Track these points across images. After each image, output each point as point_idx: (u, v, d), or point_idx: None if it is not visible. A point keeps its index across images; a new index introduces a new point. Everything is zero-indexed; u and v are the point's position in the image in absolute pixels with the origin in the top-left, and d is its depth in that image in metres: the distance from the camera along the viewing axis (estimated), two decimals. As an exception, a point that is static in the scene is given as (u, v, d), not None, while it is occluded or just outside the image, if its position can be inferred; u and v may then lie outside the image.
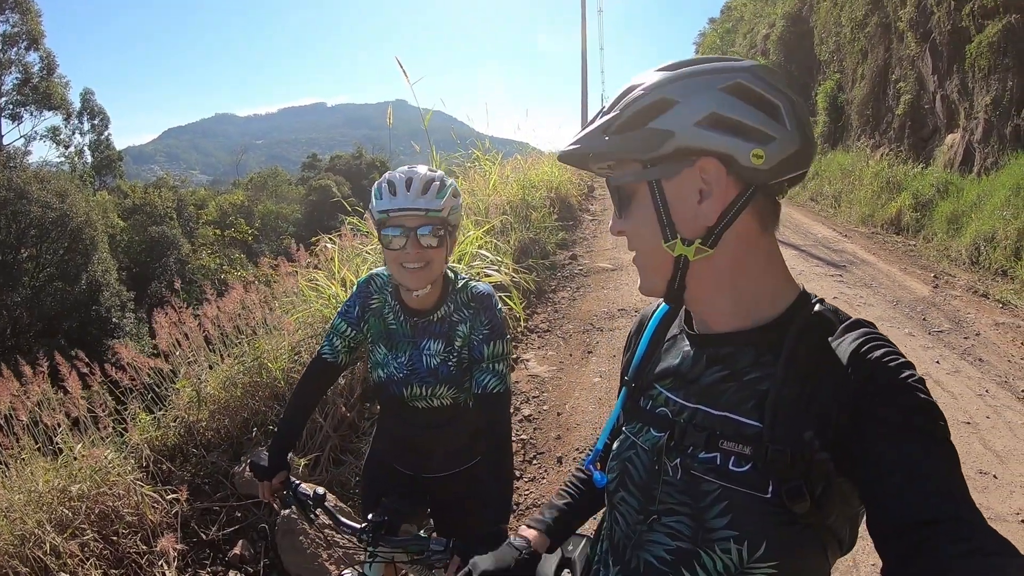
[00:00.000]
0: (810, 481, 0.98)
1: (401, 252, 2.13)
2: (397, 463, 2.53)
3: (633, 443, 1.23)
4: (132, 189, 38.33)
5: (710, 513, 1.06)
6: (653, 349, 1.31)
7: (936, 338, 7.25)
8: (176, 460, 4.08)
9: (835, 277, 10.03)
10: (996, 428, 5.18)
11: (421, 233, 2.11)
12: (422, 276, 2.16)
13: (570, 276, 10.57)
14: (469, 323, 2.26)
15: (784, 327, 1.09)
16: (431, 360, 2.30)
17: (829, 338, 1.06)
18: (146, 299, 28.87)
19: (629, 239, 1.18)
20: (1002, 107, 12.05)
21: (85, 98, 38.32)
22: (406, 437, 2.46)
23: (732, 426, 1.07)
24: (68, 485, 3.40)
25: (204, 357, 4.67)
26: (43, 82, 33.77)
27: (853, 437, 0.96)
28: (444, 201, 2.13)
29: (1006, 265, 9.49)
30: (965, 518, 0.85)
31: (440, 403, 2.33)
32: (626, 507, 1.21)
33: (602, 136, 1.11)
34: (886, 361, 0.99)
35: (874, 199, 15.01)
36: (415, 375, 2.31)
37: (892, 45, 17.50)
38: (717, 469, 1.06)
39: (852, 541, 1.09)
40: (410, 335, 2.33)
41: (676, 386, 1.20)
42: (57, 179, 27.60)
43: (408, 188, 2.11)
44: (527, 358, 7.02)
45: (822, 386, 1.01)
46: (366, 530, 2.11)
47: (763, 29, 30.75)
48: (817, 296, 1.16)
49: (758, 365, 1.09)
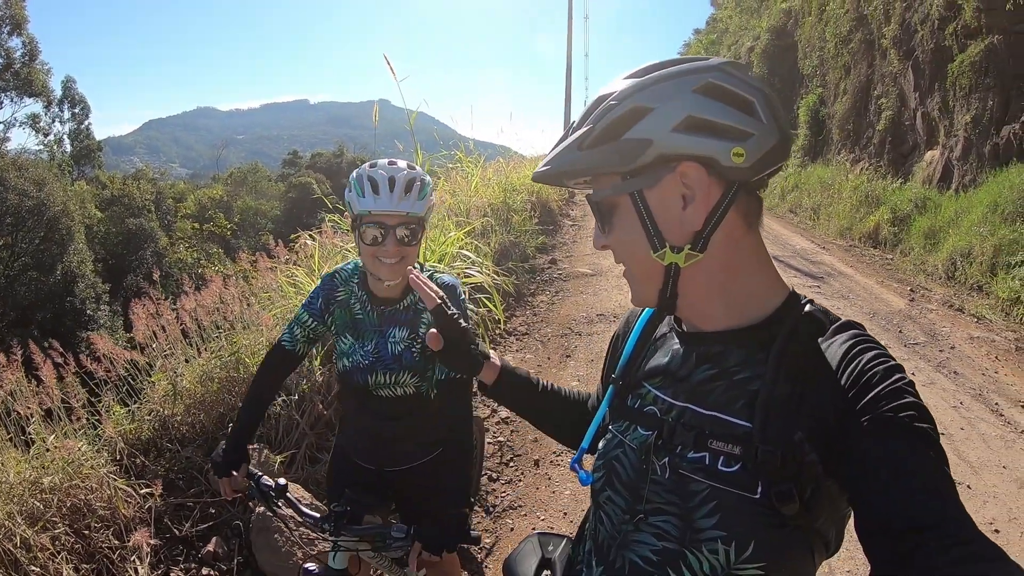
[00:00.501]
0: (799, 483, 0.98)
1: (378, 247, 2.19)
2: (359, 458, 2.56)
3: (620, 442, 1.22)
4: (111, 180, 37.88)
5: (698, 513, 1.05)
6: (641, 347, 1.31)
7: (912, 350, 7.32)
8: (150, 454, 4.03)
9: (813, 288, 10.10)
10: (970, 440, 5.24)
11: (399, 232, 2.18)
12: (397, 269, 2.23)
13: (549, 280, 10.59)
14: None
15: (774, 327, 1.09)
16: (396, 347, 2.35)
17: (819, 339, 1.06)
18: (121, 292, 28.60)
19: (615, 252, 1.17)
20: (982, 126, 12.20)
21: (66, 86, 37.89)
22: (369, 428, 2.50)
23: (721, 425, 1.07)
24: (40, 477, 3.33)
25: (181, 350, 4.62)
26: (25, 68, 33.30)
27: (843, 439, 0.95)
28: (425, 203, 2.21)
29: (981, 280, 9.60)
30: (956, 523, 0.85)
31: (403, 391, 2.38)
32: (612, 506, 1.20)
33: (576, 152, 1.10)
34: (877, 363, 0.99)
35: (853, 212, 15.14)
36: (380, 362, 2.35)
37: (875, 61, 17.67)
38: (706, 469, 1.06)
39: (838, 543, 1.09)
40: (376, 324, 2.38)
41: (665, 384, 1.19)
42: (35, 167, 27.27)
43: (391, 189, 2.15)
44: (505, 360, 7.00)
45: (812, 387, 1.01)
46: (328, 519, 2.13)
47: (748, 42, 30.96)
48: (807, 297, 1.16)
49: (748, 364, 1.09)
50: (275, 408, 4.31)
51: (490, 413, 5.70)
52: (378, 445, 2.50)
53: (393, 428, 2.45)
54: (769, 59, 27.17)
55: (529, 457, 5.06)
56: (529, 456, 5.07)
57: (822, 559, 1.08)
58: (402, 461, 2.50)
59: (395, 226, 2.17)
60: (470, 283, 6.51)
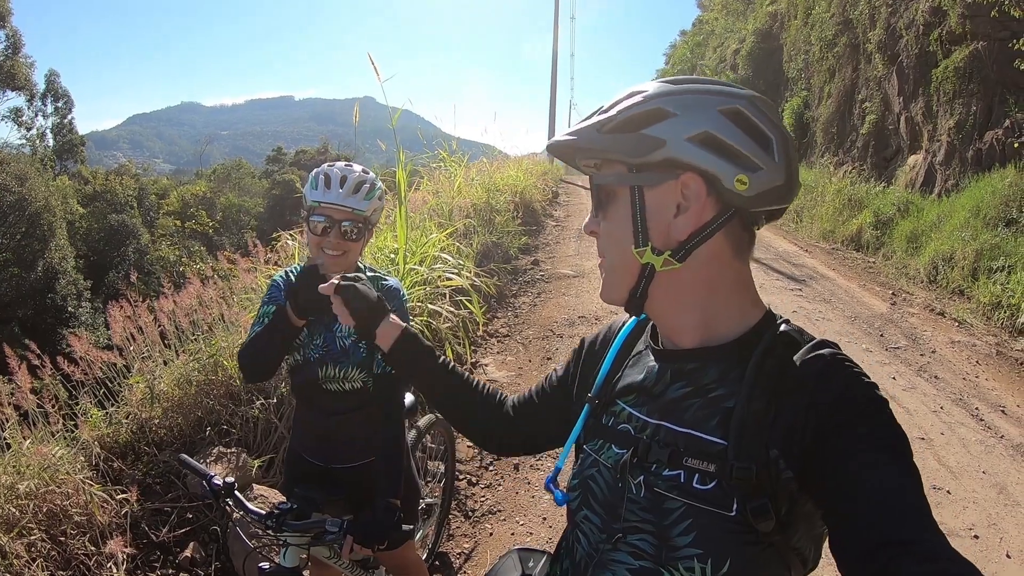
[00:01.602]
0: (775, 499, 0.99)
1: (323, 238, 2.36)
2: (308, 455, 2.63)
3: (595, 461, 1.22)
4: (93, 175, 37.54)
5: (674, 531, 1.05)
6: (618, 365, 1.30)
7: (893, 354, 7.37)
8: (127, 458, 3.98)
9: (795, 291, 10.15)
10: (950, 444, 5.28)
11: (344, 226, 2.36)
12: (338, 262, 2.38)
13: (531, 281, 10.56)
14: None
15: (749, 345, 1.10)
16: (343, 341, 2.47)
17: (794, 357, 1.06)
18: (103, 288, 28.37)
19: (600, 240, 1.19)
20: (965, 131, 12.31)
21: (50, 80, 37.42)
22: (317, 424, 2.58)
23: (696, 443, 1.07)
24: (16, 483, 3.29)
25: (159, 352, 4.57)
26: (8, 61, 32.90)
27: (818, 456, 0.96)
28: (370, 204, 2.39)
29: (963, 285, 9.67)
30: (930, 539, 0.86)
31: (351, 386, 2.48)
32: (589, 525, 1.20)
33: (595, 133, 1.12)
34: (852, 381, 1.01)
35: (835, 215, 15.22)
36: (329, 355, 2.46)
37: (860, 66, 17.79)
38: (681, 487, 1.06)
39: (816, 560, 1.10)
40: (324, 318, 2.46)
41: (639, 402, 1.19)
42: (17, 162, 26.98)
43: (341, 185, 2.35)
44: (486, 362, 6.99)
45: (788, 404, 1.01)
46: (271, 516, 2.17)
47: (733, 44, 31.09)
48: (783, 316, 1.17)
49: (723, 382, 1.10)
50: (253, 411, 4.27)
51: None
52: (325, 441, 2.59)
53: (340, 423, 2.53)
54: (754, 61, 27.30)
55: (509, 461, 5.04)
56: (509, 460, 5.05)
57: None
58: (350, 458, 2.58)
59: (340, 220, 2.35)
60: (450, 286, 6.49)
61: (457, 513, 4.42)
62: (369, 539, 2.07)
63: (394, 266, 6.00)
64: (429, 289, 6.30)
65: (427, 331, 5.73)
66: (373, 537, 2.07)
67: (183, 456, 2.41)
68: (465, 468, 4.92)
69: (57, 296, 25.51)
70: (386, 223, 7.36)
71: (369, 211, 2.39)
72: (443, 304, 6.22)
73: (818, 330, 8.13)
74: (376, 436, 2.46)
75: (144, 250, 33.01)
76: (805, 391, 1.01)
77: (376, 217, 2.49)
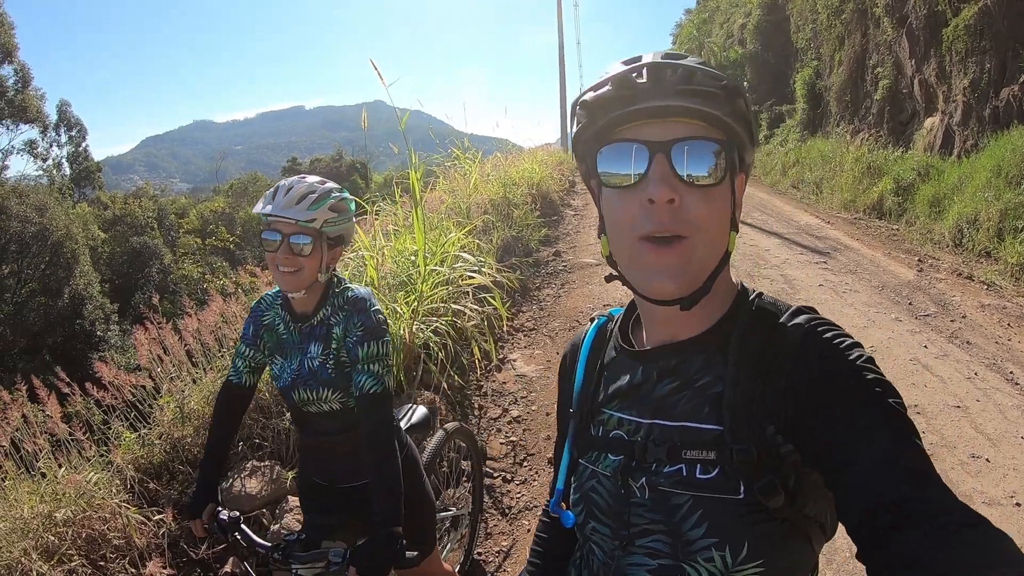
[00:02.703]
0: (780, 474, 0.98)
1: (274, 254, 2.25)
2: (313, 474, 2.61)
3: (593, 472, 1.19)
4: (112, 200, 37.97)
5: (686, 525, 1.04)
6: (591, 376, 1.28)
7: (923, 322, 7.27)
8: (162, 478, 4.01)
9: (820, 264, 10.06)
10: (987, 411, 5.19)
11: (294, 241, 2.25)
12: (292, 280, 2.28)
13: (554, 273, 10.51)
14: (343, 325, 2.34)
15: (727, 325, 1.10)
16: (312, 363, 2.38)
17: (774, 329, 1.06)
18: (130, 310, 28.68)
19: (692, 214, 1.01)
20: (980, 89, 12.12)
21: (61, 110, 37.88)
22: (311, 445, 2.58)
23: (692, 434, 1.06)
24: (53, 511, 3.32)
25: (187, 372, 4.60)
26: (18, 95, 33.35)
27: (810, 427, 0.96)
28: (316, 213, 2.24)
29: (989, 246, 9.54)
30: (935, 495, 0.84)
31: (330, 407, 2.41)
32: (599, 536, 1.18)
33: (743, 103, 1.05)
34: (836, 343, 1.00)
35: (855, 185, 15.07)
36: (300, 379, 2.40)
37: (869, 31, 17.57)
38: (684, 480, 1.05)
39: (835, 525, 1.09)
40: (299, 341, 2.43)
41: (627, 405, 1.18)
42: (36, 193, 27.34)
43: (284, 195, 2.24)
44: (513, 358, 6.97)
45: (775, 378, 1.01)
46: (277, 548, 2.19)
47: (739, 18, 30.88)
48: (756, 290, 1.16)
49: (708, 369, 1.09)
50: (284, 423, 4.30)
51: (501, 413, 5.68)
52: (323, 460, 2.57)
53: (332, 443, 2.50)
54: (762, 34, 27.10)
55: (543, 455, 5.03)
56: (543, 454, 5.04)
57: (821, 544, 1.09)
58: (353, 477, 2.52)
59: (290, 234, 2.24)
60: (472, 284, 6.47)
61: (494, 511, 4.41)
62: (372, 569, 2.03)
63: (415, 268, 5.99)
64: (452, 288, 6.29)
65: (452, 331, 5.71)
66: (375, 567, 2.03)
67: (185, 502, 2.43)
68: (499, 465, 4.91)
69: (85, 321, 25.82)
70: (404, 225, 7.35)
71: (318, 222, 2.24)
72: (466, 302, 6.20)
73: (846, 302, 8.08)
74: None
75: (168, 270, 33.34)
76: (790, 361, 1.00)
77: (335, 230, 2.35)
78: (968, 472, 4.39)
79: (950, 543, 0.77)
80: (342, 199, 2.35)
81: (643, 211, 1.01)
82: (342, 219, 2.34)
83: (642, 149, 1.01)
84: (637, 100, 1.01)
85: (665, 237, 1.00)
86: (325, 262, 2.34)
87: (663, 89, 1.00)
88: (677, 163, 0.99)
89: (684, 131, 1.01)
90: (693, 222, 1.00)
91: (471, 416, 5.62)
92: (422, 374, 5.31)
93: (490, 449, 5.09)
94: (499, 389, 6.17)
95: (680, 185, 0.99)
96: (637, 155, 1.01)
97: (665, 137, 1.00)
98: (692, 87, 1.00)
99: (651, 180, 0.99)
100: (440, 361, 5.37)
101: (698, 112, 1.00)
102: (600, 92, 1.05)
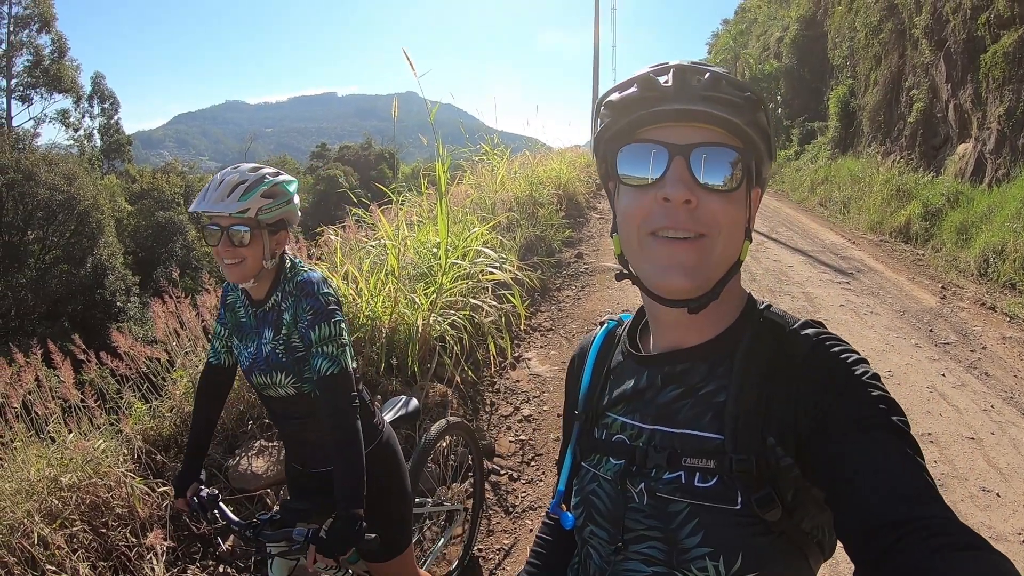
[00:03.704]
0: (778, 487, 0.98)
1: (218, 248, 2.25)
2: (290, 459, 2.64)
3: (594, 475, 1.20)
4: (140, 174, 38.33)
5: (682, 533, 1.04)
6: (597, 379, 1.28)
7: (942, 350, 7.19)
8: (170, 451, 4.04)
9: (842, 284, 9.98)
10: (1000, 445, 5.11)
11: (233, 231, 2.23)
12: (237, 271, 2.28)
13: (575, 275, 10.45)
14: (292, 311, 2.33)
15: (735, 335, 1.10)
16: (265, 347, 2.38)
17: (781, 341, 1.05)
18: (151, 284, 28.94)
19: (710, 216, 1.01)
20: (1015, 118, 11.98)
21: (95, 82, 38.39)
22: (282, 428, 2.60)
23: (693, 442, 1.06)
24: (59, 475, 3.36)
25: (202, 347, 4.64)
26: (54, 65, 33.84)
27: (812, 442, 0.95)
28: (248, 202, 2.21)
29: (1015, 278, 9.42)
30: (935, 514, 0.83)
31: (286, 392, 2.39)
32: (597, 540, 1.18)
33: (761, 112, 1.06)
34: (842, 358, 1.00)
35: (883, 206, 14.92)
36: (256, 363, 2.40)
37: (906, 52, 17.41)
38: (683, 488, 1.05)
39: (833, 545, 1.09)
40: (255, 325, 2.44)
41: (630, 410, 1.18)
42: (65, 162, 27.71)
43: (215, 189, 2.22)
44: (529, 357, 6.96)
45: (779, 390, 1.01)
46: (249, 526, 2.23)
47: (777, 32, 30.70)
48: (764, 301, 1.16)
49: (713, 377, 1.09)
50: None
51: (512, 411, 5.67)
52: (294, 445, 2.59)
53: (298, 428, 2.49)
54: (798, 49, 26.93)
55: (551, 456, 5.01)
56: (551, 455, 5.02)
57: (819, 563, 1.09)
58: (323, 463, 2.51)
59: (228, 226, 2.23)
60: (492, 280, 6.46)
61: (498, 509, 4.41)
62: (330, 549, 2.05)
63: (436, 260, 6.00)
64: (472, 283, 6.28)
65: (469, 325, 5.71)
66: (334, 547, 2.05)
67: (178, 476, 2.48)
68: (506, 463, 4.91)
69: (106, 292, 26.11)
70: (428, 217, 7.36)
71: (251, 211, 2.21)
72: (485, 298, 6.20)
73: (866, 324, 8.00)
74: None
75: (191, 246, 33.58)
76: (795, 375, 1.00)
77: (272, 216, 2.29)
78: (977, 505, 4.34)
79: (950, 563, 0.77)
80: (276, 183, 2.31)
81: (658, 208, 1.01)
82: (278, 204, 2.30)
83: (662, 151, 1.01)
84: (661, 102, 1.02)
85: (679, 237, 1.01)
86: (269, 248, 2.31)
87: (688, 93, 1.01)
88: (695, 167, 1.00)
89: (705, 136, 1.01)
90: (712, 222, 1.01)
91: (482, 412, 5.62)
92: (436, 366, 5.31)
93: (499, 446, 5.09)
94: (512, 387, 6.16)
95: (697, 188, 1.00)
96: (657, 156, 1.01)
97: (685, 141, 1.01)
98: (717, 94, 1.00)
99: (668, 181, 1.00)
100: (455, 355, 5.38)
101: (720, 119, 1.00)
102: (626, 92, 1.06)
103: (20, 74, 33.46)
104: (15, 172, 24.39)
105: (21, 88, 33.60)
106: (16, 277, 24.08)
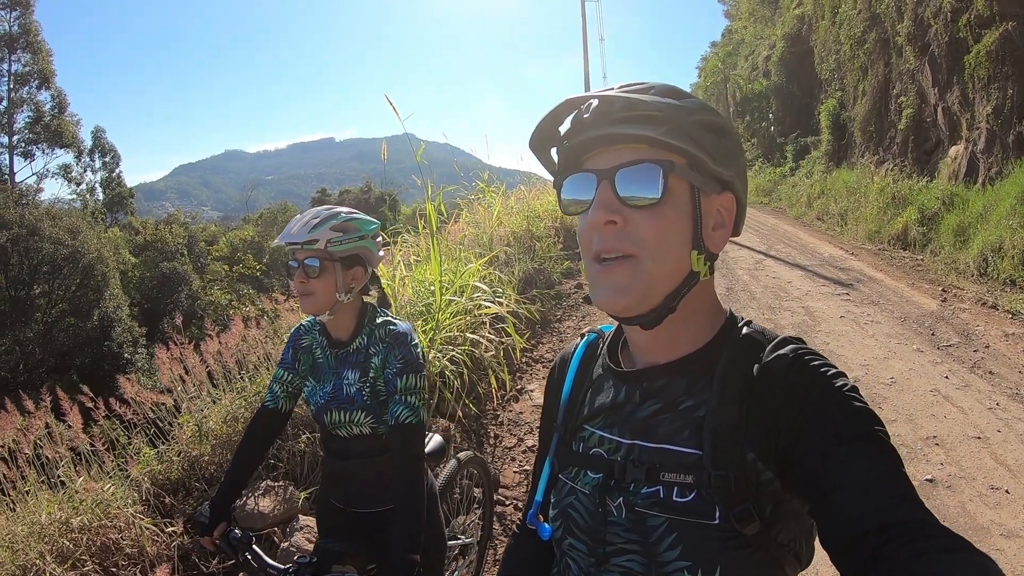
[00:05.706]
0: (757, 502, 0.99)
1: (294, 280, 2.33)
2: (332, 497, 2.63)
3: (572, 488, 1.20)
4: (143, 225, 38.60)
5: (660, 547, 1.05)
6: (577, 392, 1.29)
7: (945, 353, 7.19)
8: (178, 494, 4.07)
9: (842, 296, 10.00)
10: (1008, 442, 5.10)
11: (306, 263, 2.31)
12: (308, 302, 2.34)
13: (575, 305, 10.47)
14: (382, 356, 2.38)
15: (714, 351, 1.11)
16: (350, 388, 2.43)
17: (760, 356, 1.06)
18: (158, 335, 29.01)
19: (640, 228, 1.04)
20: (1003, 116, 12.07)
21: (96, 136, 38.83)
22: (334, 467, 2.60)
23: (671, 457, 1.07)
24: (70, 517, 3.42)
25: (207, 392, 4.68)
26: (54, 120, 34.29)
27: (792, 456, 0.96)
28: (318, 234, 2.29)
29: (1014, 275, 9.44)
30: (917, 519, 0.85)
31: (360, 431, 2.44)
32: (576, 553, 1.19)
33: (685, 115, 1.04)
34: (821, 372, 1.01)
35: (880, 215, 14.99)
36: (335, 401, 2.44)
37: (892, 60, 17.57)
38: (661, 502, 1.06)
39: (810, 555, 1.10)
40: (334, 366, 2.48)
41: (609, 424, 1.18)
42: (69, 216, 27.98)
43: (295, 226, 2.32)
44: (531, 388, 6.95)
45: (758, 405, 1.01)
46: (287, 572, 2.21)
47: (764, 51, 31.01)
48: (744, 318, 1.17)
49: (692, 392, 1.09)
50: (299, 445, 4.35)
51: (516, 442, 5.68)
52: (343, 483, 2.58)
53: (354, 467, 2.51)
54: (786, 66, 27.19)
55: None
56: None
57: (796, 573, 1.09)
58: (368, 503, 2.54)
59: (303, 259, 2.32)
60: (489, 314, 6.51)
61: (503, 539, 4.39)
62: None
63: (433, 297, 6.06)
64: (470, 318, 6.33)
65: (469, 360, 5.75)
66: None
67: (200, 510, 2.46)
68: (511, 494, 4.91)
69: (113, 343, 26.18)
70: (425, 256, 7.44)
71: (321, 242, 2.28)
72: (484, 332, 6.24)
73: (867, 333, 8.00)
74: (393, 485, 2.45)
75: (196, 295, 33.69)
76: (774, 390, 1.01)
77: (343, 250, 2.35)
78: (987, 504, 4.32)
79: (935, 566, 0.79)
80: (348, 220, 2.38)
81: (595, 233, 1.06)
82: (350, 238, 2.35)
83: (590, 177, 1.07)
84: (582, 132, 1.08)
85: (611, 258, 1.05)
86: (343, 283, 2.36)
87: (604, 120, 1.06)
88: (621, 188, 1.03)
89: (628, 156, 1.05)
90: (639, 241, 1.03)
91: (486, 444, 5.63)
92: (438, 402, 5.34)
93: (503, 477, 5.09)
94: (515, 419, 6.17)
95: (624, 208, 1.04)
96: (588, 183, 1.07)
97: (611, 164, 1.05)
98: (633, 113, 1.04)
99: (593, 205, 1.05)
100: (456, 389, 5.41)
101: (634, 136, 1.04)
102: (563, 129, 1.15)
103: (22, 130, 33.98)
104: (19, 227, 24.58)
105: (23, 144, 34.06)
106: (23, 331, 24.16)
